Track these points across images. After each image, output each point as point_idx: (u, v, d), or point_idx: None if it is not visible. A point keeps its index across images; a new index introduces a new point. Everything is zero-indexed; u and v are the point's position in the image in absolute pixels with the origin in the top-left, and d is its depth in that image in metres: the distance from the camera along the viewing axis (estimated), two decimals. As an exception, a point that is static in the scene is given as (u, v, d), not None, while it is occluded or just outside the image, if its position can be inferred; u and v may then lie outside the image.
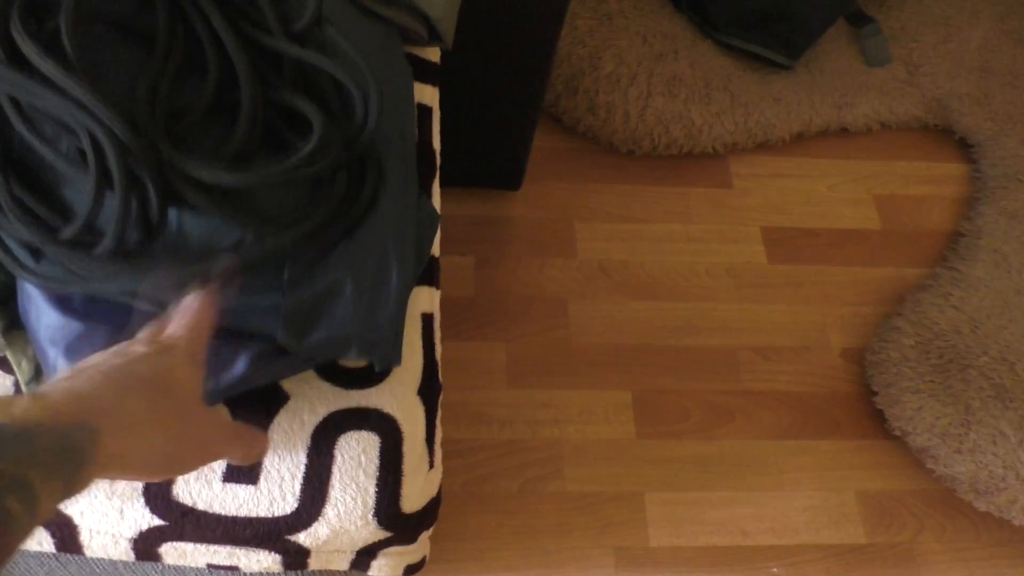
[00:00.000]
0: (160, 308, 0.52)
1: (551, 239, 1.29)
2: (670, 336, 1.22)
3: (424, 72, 0.78)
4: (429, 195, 0.70)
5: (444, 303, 1.20)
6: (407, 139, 0.63)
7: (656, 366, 1.20)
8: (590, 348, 1.20)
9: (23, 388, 0.60)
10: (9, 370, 0.60)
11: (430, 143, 0.72)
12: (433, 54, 0.79)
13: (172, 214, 0.53)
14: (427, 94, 0.77)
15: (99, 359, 0.45)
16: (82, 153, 0.53)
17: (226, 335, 0.53)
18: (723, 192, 1.38)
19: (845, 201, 1.40)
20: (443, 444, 0.66)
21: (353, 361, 0.60)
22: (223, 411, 0.58)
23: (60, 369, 0.54)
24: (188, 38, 0.57)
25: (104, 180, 0.51)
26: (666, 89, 1.33)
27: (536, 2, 0.96)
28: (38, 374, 0.59)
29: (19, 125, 0.52)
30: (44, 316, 0.55)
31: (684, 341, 1.22)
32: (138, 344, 0.47)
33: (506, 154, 1.22)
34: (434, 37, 0.76)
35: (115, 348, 0.47)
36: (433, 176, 0.71)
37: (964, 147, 1.46)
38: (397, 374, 0.60)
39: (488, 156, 1.22)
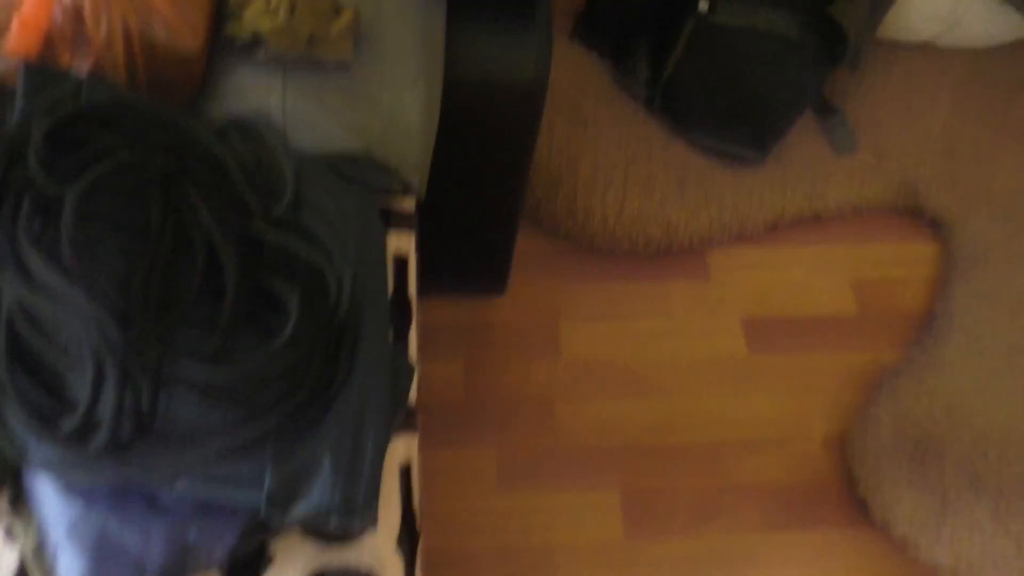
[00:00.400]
0: None
1: (537, 340, 1.34)
2: (655, 434, 1.26)
3: (400, 220, 0.83)
4: (406, 344, 0.75)
5: (432, 410, 1.25)
6: (380, 307, 0.68)
7: (643, 465, 1.23)
8: (577, 450, 1.23)
9: (28, 557, 0.64)
10: (15, 539, 0.64)
11: (405, 293, 0.77)
12: (408, 203, 0.85)
13: (162, 402, 0.58)
14: (403, 242, 0.82)
15: None
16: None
17: (216, 511, 0.58)
18: (702, 285, 1.43)
19: (821, 288, 1.45)
20: (435, 556, 0.69)
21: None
22: None
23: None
24: (178, 229, 0.63)
25: (100, 377, 0.56)
26: (641, 191, 1.39)
27: (511, 119, 1.03)
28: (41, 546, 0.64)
29: (24, 329, 0.57)
30: (46, 497, 0.59)
31: (669, 439, 1.26)
32: None
33: (489, 261, 1.27)
34: (409, 189, 0.82)
35: None
36: (409, 325, 0.76)
37: (935, 227, 1.51)
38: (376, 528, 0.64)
39: (471, 263, 1.27)
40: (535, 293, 1.38)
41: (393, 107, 0.82)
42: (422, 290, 0.86)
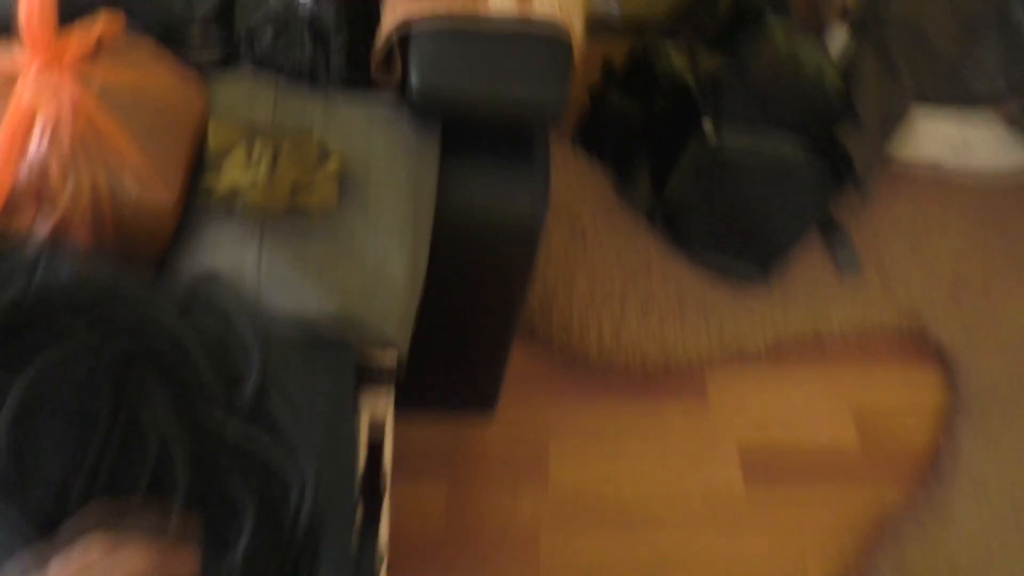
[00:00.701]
0: None
1: (525, 462, 1.28)
2: (645, 575, 1.20)
3: (379, 376, 0.78)
4: (375, 529, 0.69)
5: (409, 544, 1.19)
6: (346, 504, 0.63)
7: (629, 609, 1.17)
8: (562, 590, 1.17)
9: None
10: None
11: (378, 472, 0.72)
12: (389, 355, 0.80)
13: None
14: (380, 404, 0.77)
15: None
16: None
17: None
18: (699, 406, 1.37)
19: (822, 414, 1.39)
20: None
21: None
22: None
23: None
24: (130, 419, 0.58)
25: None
26: (639, 309, 1.35)
27: (505, 257, 0.98)
28: None
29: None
30: None
31: (658, 581, 1.20)
32: None
33: (478, 383, 1.22)
34: (389, 347, 0.78)
35: None
36: (380, 504, 0.71)
37: (940, 354, 1.46)
38: None
39: (460, 384, 1.22)
40: (525, 410, 1.33)
41: (378, 259, 0.78)
42: (404, 406, 0.81)
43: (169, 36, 0.86)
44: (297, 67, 0.88)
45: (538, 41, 0.86)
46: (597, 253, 1.38)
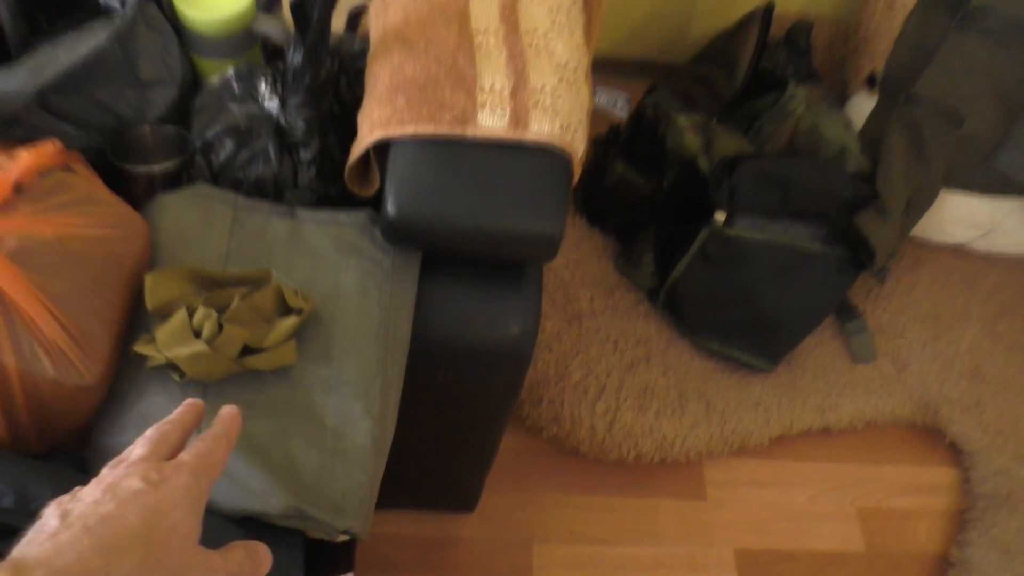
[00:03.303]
0: None
1: (506, 568, 1.19)
2: None
3: (337, 553, 0.69)
4: None
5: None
6: None
7: None
8: None
9: None
10: None
11: None
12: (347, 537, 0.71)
13: None
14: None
15: (87, 504, 0.41)
16: None
17: None
18: (695, 504, 1.28)
19: (826, 515, 1.30)
20: None
21: None
22: (218, 559, 0.46)
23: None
24: None
25: None
26: (636, 402, 1.25)
27: (491, 380, 0.89)
28: None
29: None
30: None
31: None
32: (133, 476, 0.43)
33: (461, 485, 1.13)
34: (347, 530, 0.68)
35: (107, 479, 0.43)
36: None
37: (955, 452, 1.37)
38: None
39: (441, 486, 1.13)
40: (509, 505, 1.24)
41: (339, 424, 0.68)
42: (380, 503, 0.72)
43: (116, 144, 0.76)
44: (260, 182, 0.78)
45: (533, 165, 0.75)
46: (594, 339, 1.29)
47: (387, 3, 0.82)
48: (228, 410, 0.51)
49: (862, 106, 1.40)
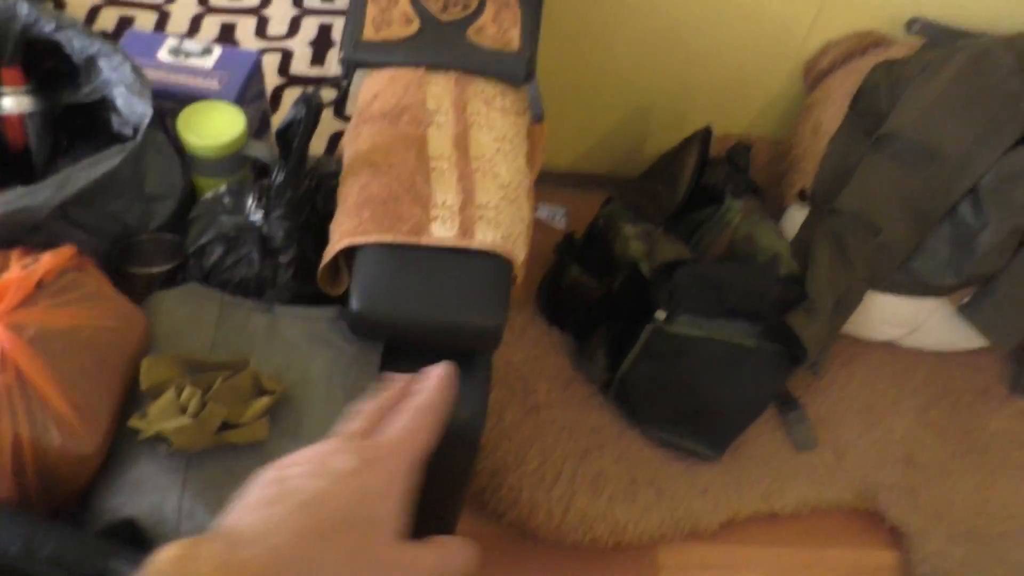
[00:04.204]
0: None
1: (467, 646, 1.25)
2: None
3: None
4: None
5: None
6: None
7: None
8: None
9: None
10: None
11: None
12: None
13: None
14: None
15: (303, 476, 0.38)
16: None
17: None
18: (649, 587, 1.36)
19: (774, 598, 1.38)
20: None
21: None
22: (424, 557, 0.43)
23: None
24: None
25: None
26: (590, 487, 1.35)
27: (447, 445, 0.99)
28: None
29: None
30: None
31: None
32: (347, 453, 0.40)
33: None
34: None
35: (321, 451, 0.40)
36: None
37: (896, 534, 1.46)
38: None
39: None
40: (471, 588, 1.31)
41: (305, 491, 0.78)
42: None
43: (120, 248, 0.88)
44: (244, 282, 0.90)
45: (479, 268, 0.88)
46: (550, 429, 1.39)
47: (358, 131, 0.96)
48: (438, 371, 0.46)
49: (795, 217, 1.55)
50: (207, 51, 1.06)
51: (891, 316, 1.50)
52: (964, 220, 1.38)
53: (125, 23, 1.32)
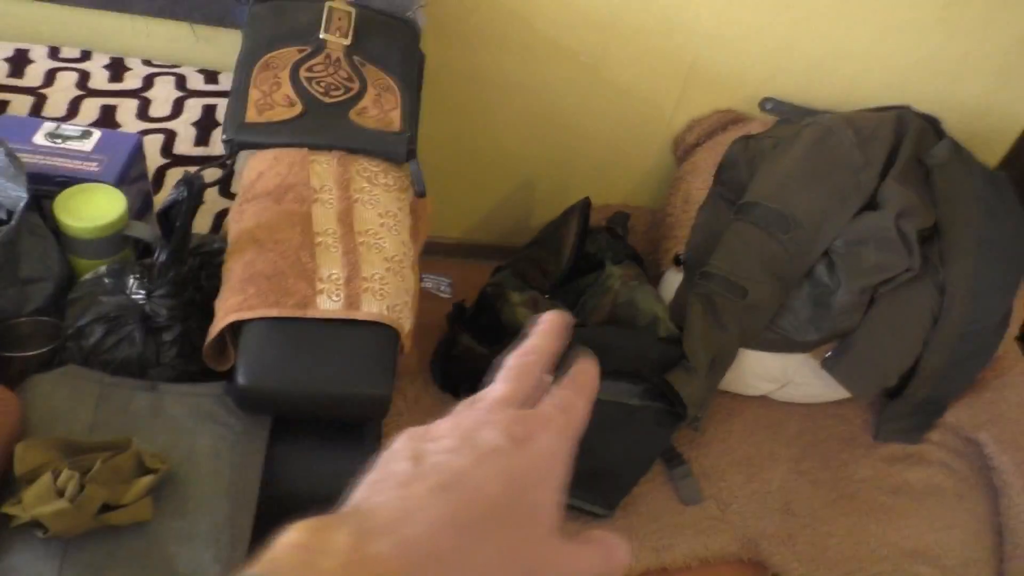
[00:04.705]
0: None
1: None
2: None
3: None
4: None
5: None
6: None
7: None
8: None
9: None
10: None
11: None
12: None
13: None
14: None
15: (443, 451, 0.31)
16: None
17: None
18: (548, 651, 1.37)
19: (669, 652, 1.41)
20: None
21: None
22: (581, 558, 0.37)
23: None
24: None
25: None
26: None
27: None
28: None
29: None
30: None
31: None
32: (494, 427, 0.32)
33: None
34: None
35: (465, 422, 0.32)
36: None
37: (780, 583, 1.53)
38: None
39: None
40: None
41: (190, 570, 0.77)
42: None
43: (-5, 332, 0.87)
44: (127, 362, 0.89)
45: (365, 339, 0.91)
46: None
47: (243, 209, 0.99)
48: (584, 362, 0.41)
49: (672, 281, 1.65)
50: (86, 134, 1.07)
51: (763, 372, 1.60)
52: (821, 281, 1.50)
53: (2, 107, 1.30)
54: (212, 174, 1.13)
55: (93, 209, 0.95)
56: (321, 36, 1.15)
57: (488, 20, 1.63)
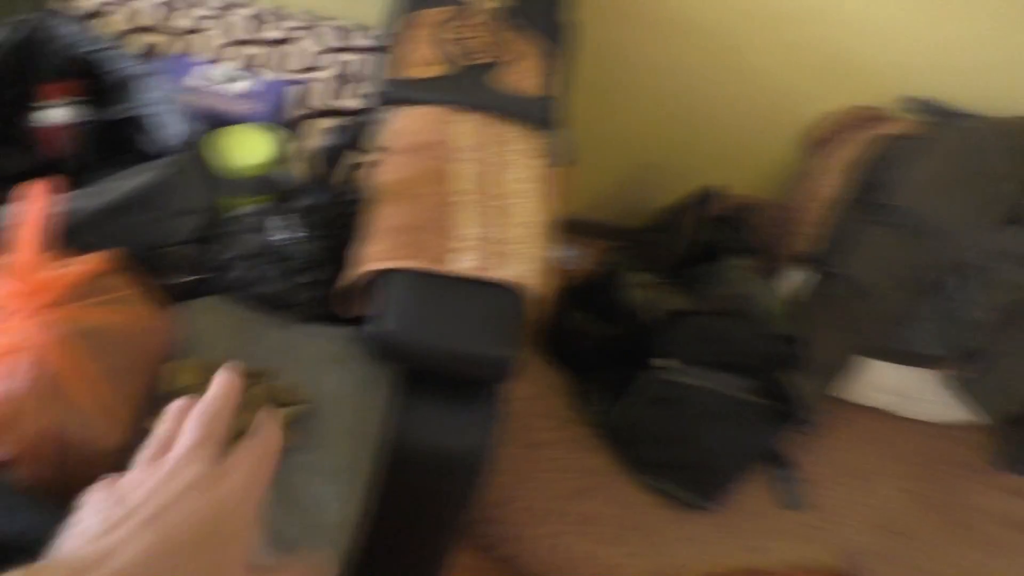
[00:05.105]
0: None
1: None
2: None
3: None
4: None
5: None
6: None
7: None
8: None
9: None
10: None
11: None
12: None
13: None
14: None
15: (146, 490, 0.35)
16: None
17: None
18: (630, 635, 1.36)
19: (753, 654, 1.38)
20: None
21: None
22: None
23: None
24: None
25: None
26: (579, 528, 1.36)
27: (446, 487, 1.00)
28: None
29: None
30: None
31: None
32: (195, 463, 0.37)
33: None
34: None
35: (166, 465, 0.37)
36: None
37: (876, 600, 1.47)
38: None
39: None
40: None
41: (315, 504, 0.80)
42: None
43: (148, 258, 0.91)
44: (264, 298, 0.93)
45: (494, 301, 0.91)
46: (547, 467, 1.40)
47: (385, 163, 1.00)
48: (268, 418, 0.46)
49: (792, 279, 1.59)
50: (239, 78, 1.11)
51: (881, 382, 1.53)
52: (953, 294, 1.43)
53: (154, 48, 1.36)
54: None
55: (244, 150, 0.99)
56: (470, -2, 1.16)
57: (632, -4, 1.60)
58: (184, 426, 0.42)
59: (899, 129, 1.62)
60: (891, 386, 1.54)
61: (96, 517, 0.36)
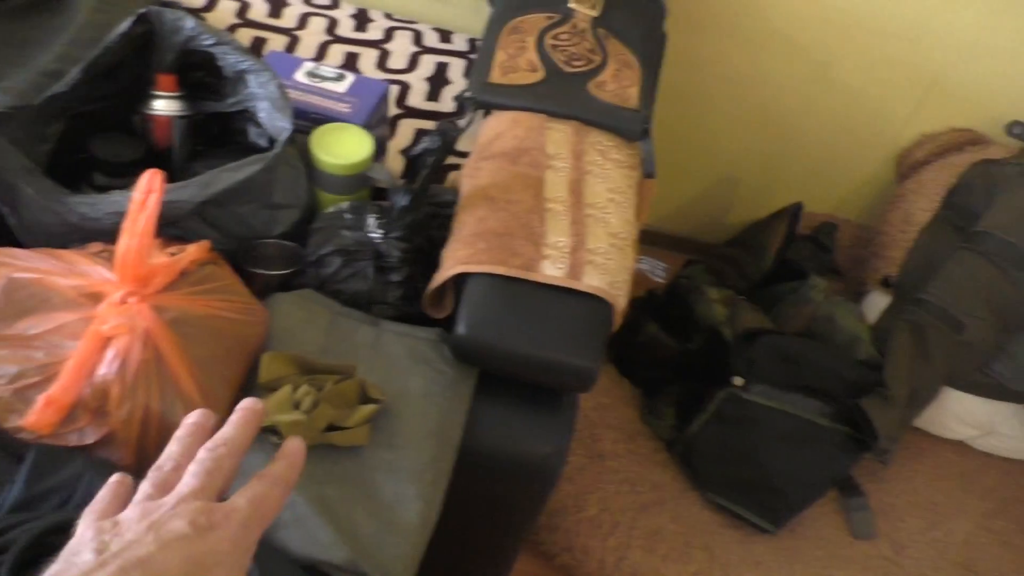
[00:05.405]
0: None
1: None
2: None
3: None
4: None
5: None
6: None
7: None
8: None
9: None
10: None
11: None
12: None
13: None
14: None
15: (127, 541, 0.36)
16: None
17: None
18: (691, 654, 1.34)
19: None
20: None
21: None
22: None
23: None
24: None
25: None
26: (646, 543, 1.35)
27: (518, 493, 1.01)
28: None
29: None
30: None
31: None
32: (181, 518, 0.38)
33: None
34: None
35: (152, 516, 0.38)
36: None
37: (947, 640, 1.42)
38: None
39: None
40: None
41: (393, 502, 0.81)
42: None
43: (245, 249, 0.93)
44: (356, 295, 0.94)
45: (582, 310, 0.91)
46: (612, 479, 1.40)
47: (479, 167, 1.01)
48: (292, 446, 0.48)
49: (876, 303, 1.55)
50: (341, 77, 1.13)
51: (966, 416, 1.48)
52: (1052, 327, 1.37)
53: (259, 44, 1.40)
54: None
55: (343, 147, 1.01)
56: (570, 5, 1.16)
57: (723, 5, 1.58)
58: (188, 468, 0.43)
59: (999, 154, 1.57)
60: (976, 420, 1.49)
61: (82, 556, 0.37)
